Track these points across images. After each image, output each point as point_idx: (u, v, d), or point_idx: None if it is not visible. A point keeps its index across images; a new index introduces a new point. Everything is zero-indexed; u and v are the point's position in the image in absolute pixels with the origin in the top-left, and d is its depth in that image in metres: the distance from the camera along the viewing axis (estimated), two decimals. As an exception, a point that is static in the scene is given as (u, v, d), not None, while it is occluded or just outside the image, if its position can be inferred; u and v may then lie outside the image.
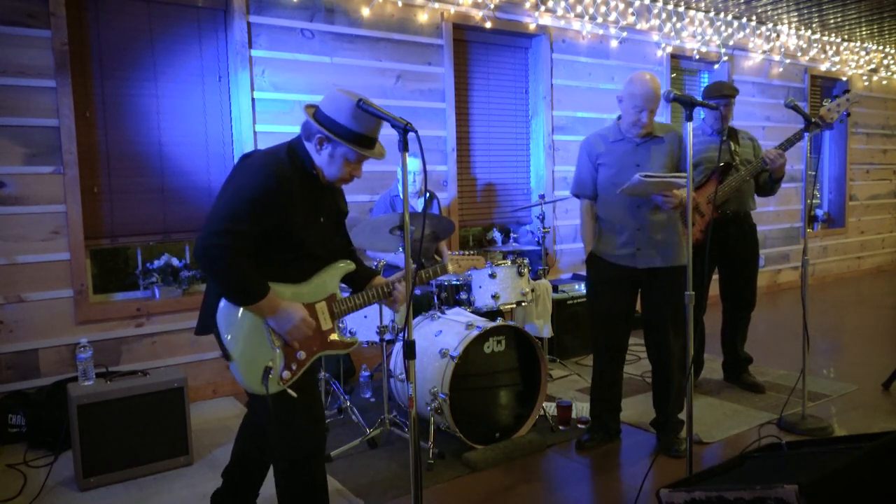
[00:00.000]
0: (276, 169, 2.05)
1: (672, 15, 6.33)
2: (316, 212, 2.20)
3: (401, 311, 3.48)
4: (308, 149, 2.15)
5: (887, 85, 8.88)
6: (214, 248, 1.96)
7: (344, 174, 2.17)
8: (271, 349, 2.11)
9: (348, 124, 2.08)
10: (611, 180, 3.16)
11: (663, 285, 3.14)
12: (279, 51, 4.36)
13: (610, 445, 3.36)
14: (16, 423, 3.51)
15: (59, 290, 3.77)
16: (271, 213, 2.03)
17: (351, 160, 2.14)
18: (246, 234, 1.99)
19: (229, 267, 1.98)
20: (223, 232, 1.96)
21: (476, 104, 5.39)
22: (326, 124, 2.09)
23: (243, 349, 2.08)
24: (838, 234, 8.47)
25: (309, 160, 2.15)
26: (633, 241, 3.13)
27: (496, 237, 5.70)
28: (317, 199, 2.20)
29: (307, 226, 2.15)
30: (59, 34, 3.66)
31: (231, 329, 2.08)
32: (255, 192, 2.01)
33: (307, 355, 2.19)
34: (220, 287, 2.07)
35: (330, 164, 2.14)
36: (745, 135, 4.09)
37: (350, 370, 4.46)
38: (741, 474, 2.22)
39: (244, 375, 2.08)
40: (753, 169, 3.80)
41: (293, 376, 2.15)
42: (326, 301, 2.24)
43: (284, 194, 2.05)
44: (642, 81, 3.04)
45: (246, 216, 1.99)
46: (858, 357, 4.91)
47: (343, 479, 3.02)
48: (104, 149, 3.94)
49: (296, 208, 2.09)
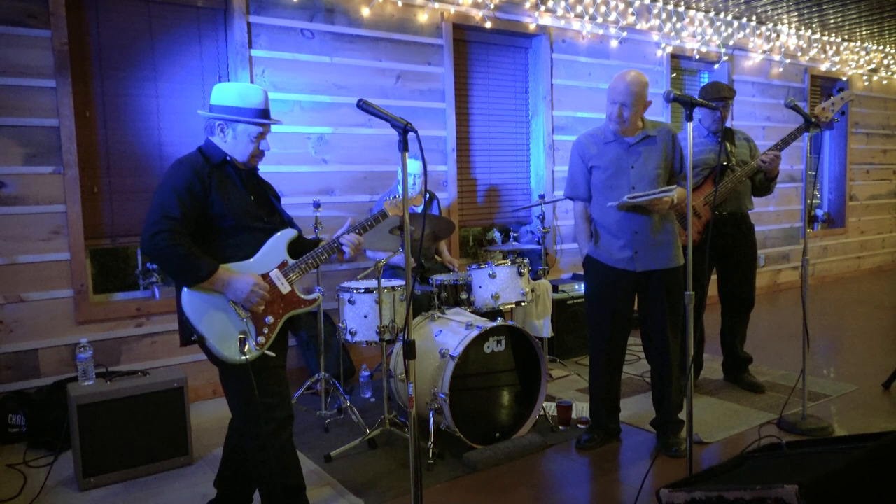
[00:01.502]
0: (190, 160, 2.32)
1: (672, 15, 6.33)
2: (242, 191, 2.38)
3: (401, 311, 3.49)
4: (215, 143, 2.38)
5: (887, 85, 8.88)
6: (155, 235, 2.16)
7: (253, 150, 2.39)
8: (240, 321, 2.30)
9: (237, 104, 2.33)
10: (605, 183, 3.16)
11: (661, 286, 3.14)
12: (279, 51, 4.36)
13: (610, 445, 3.36)
14: (16, 423, 3.52)
15: (59, 290, 3.77)
16: (196, 198, 2.25)
17: (253, 135, 2.36)
18: (179, 218, 2.20)
19: (172, 248, 2.17)
20: (158, 220, 2.18)
21: (476, 104, 5.39)
22: (219, 111, 2.35)
23: (214, 327, 2.26)
24: (838, 234, 8.47)
25: (219, 151, 2.37)
26: (630, 245, 3.13)
27: (496, 237, 5.70)
28: (241, 181, 2.40)
29: (235, 201, 2.33)
30: (59, 34, 3.66)
31: (198, 311, 2.25)
32: (176, 180, 2.24)
33: (275, 318, 2.36)
34: (170, 271, 2.30)
35: (236, 144, 2.37)
36: (741, 135, 4.09)
37: (350, 370, 4.46)
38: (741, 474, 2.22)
39: (222, 349, 2.26)
40: (749, 170, 3.81)
41: (267, 341, 2.34)
42: (279, 268, 2.40)
43: (201, 179, 2.27)
44: (617, 77, 3.07)
45: (175, 203, 2.20)
46: (858, 357, 4.91)
47: (343, 479, 3.03)
48: (104, 149, 3.94)
49: (218, 188, 2.30)
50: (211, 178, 2.30)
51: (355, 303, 3.49)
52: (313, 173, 4.54)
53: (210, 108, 2.38)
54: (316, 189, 4.53)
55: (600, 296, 3.26)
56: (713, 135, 3.99)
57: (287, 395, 2.43)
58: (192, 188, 2.24)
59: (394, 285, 3.53)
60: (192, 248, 2.21)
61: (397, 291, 3.51)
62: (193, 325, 2.24)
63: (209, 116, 2.37)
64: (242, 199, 2.36)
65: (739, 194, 3.98)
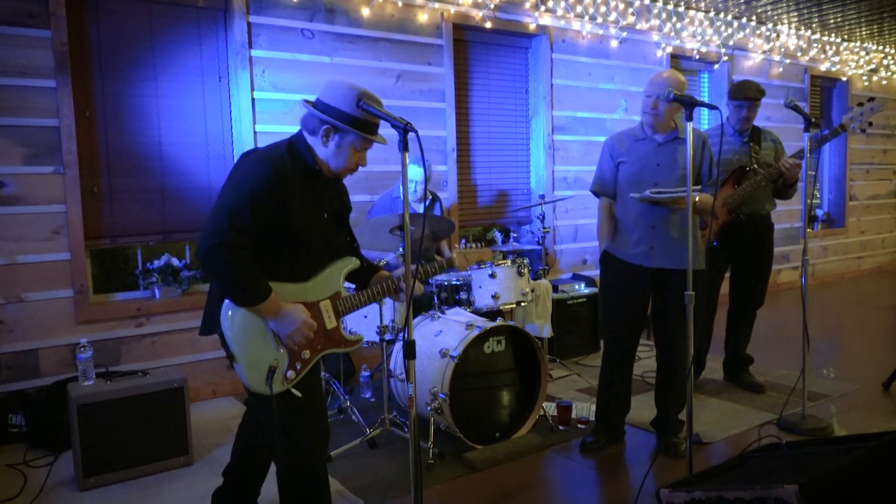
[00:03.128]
0: (273, 163, 2.04)
1: (672, 15, 6.33)
2: (318, 207, 2.17)
3: (401, 310, 3.48)
4: (311, 143, 2.13)
5: (887, 85, 8.88)
6: (219, 246, 1.94)
7: (350, 164, 2.15)
8: (275, 349, 2.10)
9: (353, 112, 2.07)
10: (630, 178, 3.17)
11: (677, 287, 3.10)
12: (279, 51, 4.36)
13: (612, 447, 3.36)
14: (16, 423, 3.52)
15: (60, 290, 3.77)
16: (272, 206, 2.01)
17: (357, 148, 2.13)
18: (249, 229, 1.97)
19: (233, 265, 1.96)
20: (227, 229, 1.94)
21: (476, 104, 5.39)
22: (332, 114, 2.07)
23: (247, 350, 2.07)
24: (838, 234, 8.47)
25: (310, 155, 2.13)
26: (646, 238, 3.13)
27: (496, 237, 5.70)
28: (319, 195, 2.18)
29: (309, 220, 2.12)
30: (59, 34, 3.66)
31: (235, 330, 2.07)
32: (254, 186, 1.99)
33: (312, 354, 2.17)
34: (223, 286, 2.05)
35: (337, 154, 2.12)
36: (769, 135, 4.01)
37: (350, 370, 4.46)
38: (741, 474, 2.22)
39: (248, 376, 2.08)
40: (770, 174, 3.77)
41: (297, 376, 2.14)
42: (331, 299, 2.22)
43: (283, 187, 2.03)
44: (656, 73, 3.11)
45: (247, 211, 1.96)
46: (858, 357, 4.91)
47: (343, 479, 3.02)
48: (104, 149, 3.94)
49: (296, 202, 2.06)
50: (293, 186, 2.05)
51: (355, 303, 3.48)
52: (313, 173, 4.53)
53: (317, 103, 2.10)
54: (316, 189, 4.53)
55: (614, 291, 3.27)
56: (738, 134, 3.94)
57: (322, 411, 2.25)
58: (271, 196, 1.99)
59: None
60: (253, 269, 2.00)
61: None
62: (228, 342, 2.07)
63: (316, 114, 2.08)
64: (317, 217, 2.16)
65: (758, 197, 3.93)
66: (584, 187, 5.79)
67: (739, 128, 3.93)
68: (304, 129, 2.14)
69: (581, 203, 5.77)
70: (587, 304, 5.09)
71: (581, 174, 5.86)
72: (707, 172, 3.15)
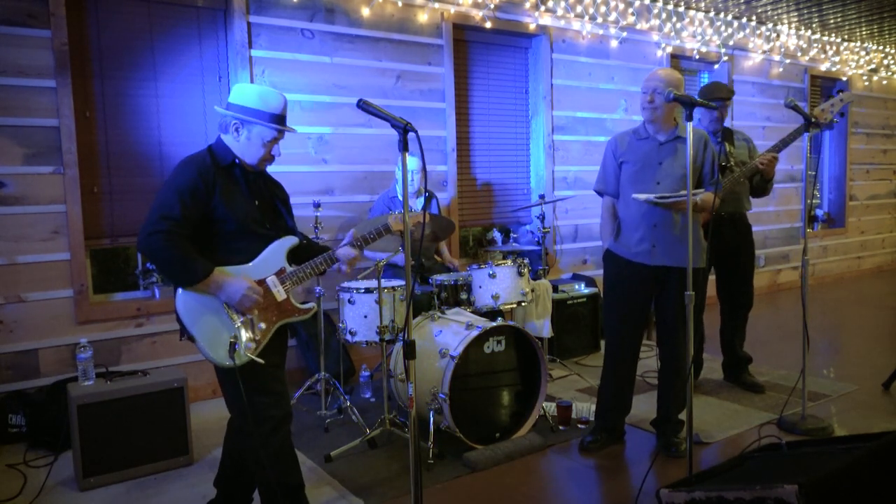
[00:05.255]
0: (196, 163, 2.29)
1: (672, 15, 6.33)
2: (249, 195, 2.37)
3: (401, 310, 3.48)
4: (227, 142, 2.36)
5: (887, 85, 8.88)
6: (153, 234, 2.16)
7: (264, 154, 2.37)
8: (231, 324, 2.29)
9: (257, 106, 2.31)
10: (632, 177, 3.18)
11: (678, 285, 3.10)
12: (279, 51, 4.36)
13: (612, 447, 3.36)
14: (16, 423, 3.52)
15: (59, 290, 3.77)
16: (198, 198, 2.23)
17: (267, 139, 2.34)
18: (179, 219, 2.18)
19: (169, 248, 2.17)
20: (158, 219, 2.17)
21: (476, 104, 5.39)
22: (237, 110, 2.32)
23: (206, 328, 2.26)
24: (838, 234, 8.46)
25: (228, 152, 2.35)
26: (648, 237, 3.13)
27: (496, 237, 5.70)
28: (247, 184, 2.38)
29: (238, 207, 2.31)
30: (59, 34, 3.66)
31: (192, 312, 2.26)
32: (180, 183, 2.23)
33: (267, 325, 2.35)
34: (165, 271, 2.30)
35: (249, 146, 2.34)
36: (740, 135, 4.10)
37: (350, 370, 4.46)
38: (741, 474, 2.23)
39: (212, 352, 2.26)
40: (748, 171, 3.81)
41: (258, 346, 2.32)
42: (276, 274, 2.39)
43: (206, 181, 2.25)
44: (652, 71, 3.13)
45: (176, 204, 2.19)
46: (858, 357, 4.91)
47: (343, 479, 3.02)
48: (104, 149, 3.94)
49: (221, 192, 2.28)
50: (216, 180, 2.28)
51: (355, 303, 3.49)
52: (313, 173, 4.54)
53: (227, 106, 2.36)
54: (316, 189, 4.53)
55: (616, 289, 3.27)
56: (712, 135, 4.00)
57: (285, 394, 2.42)
58: (196, 189, 2.23)
59: (394, 285, 3.53)
60: (188, 250, 2.21)
61: (397, 291, 3.51)
62: (186, 325, 2.26)
63: (225, 114, 2.34)
64: (246, 203, 2.35)
65: (738, 195, 3.99)
66: (584, 187, 5.80)
67: (712, 128, 4.00)
68: (220, 131, 2.38)
69: (581, 203, 5.77)
70: (587, 304, 5.09)
71: (581, 174, 5.86)
72: (709, 171, 3.16)
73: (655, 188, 3.10)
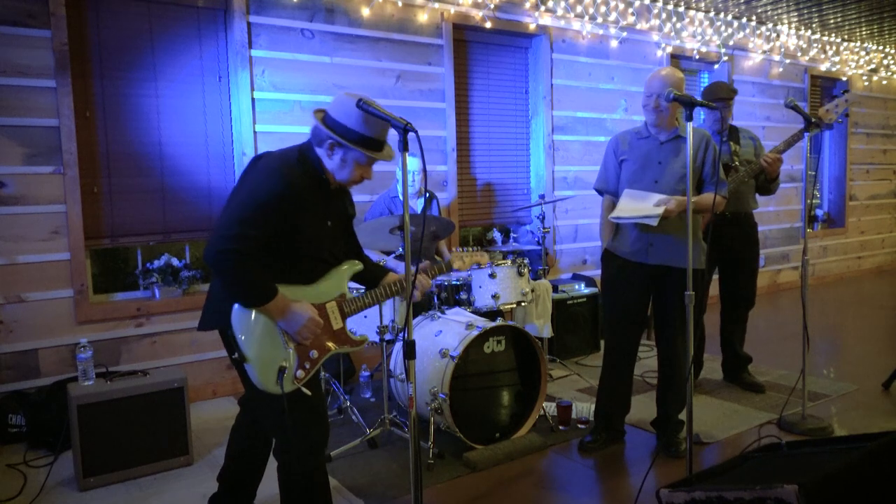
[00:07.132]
0: (284, 173, 2.10)
1: (672, 15, 6.33)
2: (324, 216, 2.24)
3: (401, 310, 3.48)
4: (319, 154, 2.20)
5: (887, 85, 8.88)
6: (226, 252, 2.00)
7: (355, 177, 2.22)
8: (284, 349, 2.15)
9: (358, 128, 2.13)
10: (632, 176, 3.18)
11: (676, 285, 3.10)
12: (279, 51, 4.36)
13: (612, 447, 3.35)
14: (16, 423, 3.52)
15: (59, 290, 3.77)
16: (281, 217, 2.07)
17: (362, 163, 2.19)
18: (257, 238, 2.03)
19: (240, 271, 2.03)
20: (235, 237, 2.00)
21: (476, 104, 5.39)
22: (337, 129, 2.13)
23: (258, 350, 2.12)
24: (838, 234, 8.46)
25: (319, 165, 2.20)
26: (645, 236, 3.13)
27: (496, 237, 5.70)
28: (326, 204, 2.24)
29: (315, 230, 2.19)
30: (59, 34, 3.66)
31: (245, 331, 2.11)
32: (266, 196, 2.05)
33: (319, 354, 2.23)
34: (231, 290, 2.11)
35: (341, 168, 2.19)
36: (747, 134, 4.08)
37: (350, 370, 4.46)
38: (741, 474, 2.22)
39: (260, 376, 2.12)
40: (752, 170, 3.80)
41: (307, 375, 2.19)
42: (336, 301, 2.29)
43: (294, 199, 2.09)
44: (653, 72, 3.12)
45: (257, 220, 2.03)
46: (858, 357, 4.91)
47: (343, 479, 3.03)
48: (104, 149, 3.94)
49: (305, 212, 2.13)
50: (302, 194, 2.11)
51: (355, 303, 3.48)
52: (313, 173, 4.53)
53: (327, 119, 2.17)
54: (316, 189, 4.53)
55: (614, 289, 3.27)
56: (717, 134, 3.98)
57: (323, 411, 2.29)
58: (280, 207, 2.06)
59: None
60: (258, 272, 2.06)
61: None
62: (241, 345, 2.11)
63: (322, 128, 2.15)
64: (322, 225, 2.22)
65: (742, 194, 3.98)
66: (584, 187, 5.80)
67: (717, 128, 3.98)
68: (312, 139, 2.21)
69: (581, 203, 5.77)
70: (587, 304, 5.09)
71: (581, 174, 5.86)
72: (710, 172, 3.14)
73: (654, 187, 3.10)
